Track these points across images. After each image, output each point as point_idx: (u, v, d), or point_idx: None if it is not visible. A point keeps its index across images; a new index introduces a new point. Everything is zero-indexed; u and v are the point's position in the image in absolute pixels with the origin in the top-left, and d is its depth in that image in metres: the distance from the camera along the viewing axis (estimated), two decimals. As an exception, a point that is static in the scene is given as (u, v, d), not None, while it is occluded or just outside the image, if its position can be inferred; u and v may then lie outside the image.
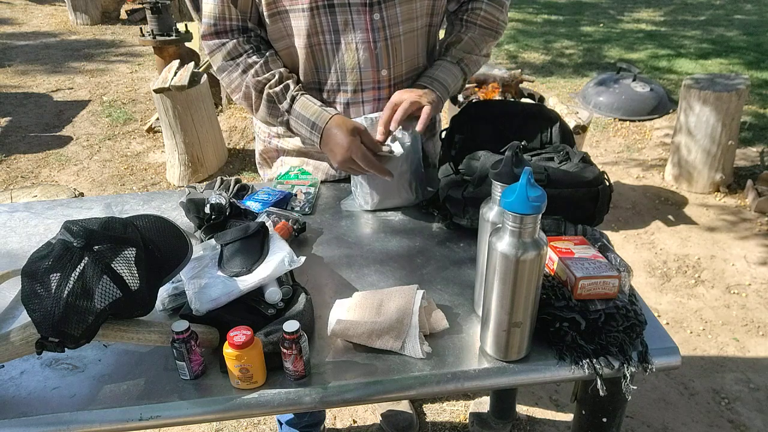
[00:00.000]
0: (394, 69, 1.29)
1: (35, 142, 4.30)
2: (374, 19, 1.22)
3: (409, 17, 1.26)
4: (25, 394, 0.89)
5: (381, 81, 1.30)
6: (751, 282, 2.74)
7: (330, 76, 1.29)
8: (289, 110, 1.28)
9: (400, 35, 1.27)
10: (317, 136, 1.25)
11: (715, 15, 7.63)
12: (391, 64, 1.28)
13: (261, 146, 1.52)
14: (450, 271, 1.15)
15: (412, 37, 1.30)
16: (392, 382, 0.90)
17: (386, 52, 1.26)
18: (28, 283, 0.84)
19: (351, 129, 1.22)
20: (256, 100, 1.29)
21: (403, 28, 1.26)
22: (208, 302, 0.93)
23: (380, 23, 1.23)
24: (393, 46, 1.27)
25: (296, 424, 1.79)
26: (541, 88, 5.04)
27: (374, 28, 1.23)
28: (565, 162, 1.18)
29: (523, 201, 0.79)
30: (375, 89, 1.31)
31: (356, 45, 1.24)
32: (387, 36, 1.25)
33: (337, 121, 1.24)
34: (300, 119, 1.27)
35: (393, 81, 1.31)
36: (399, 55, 1.29)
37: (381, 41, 1.24)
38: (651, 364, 0.92)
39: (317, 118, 1.25)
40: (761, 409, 2.09)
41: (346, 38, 1.23)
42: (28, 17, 8.02)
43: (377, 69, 1.28)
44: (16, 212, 1.41)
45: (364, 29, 1.22)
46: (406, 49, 1.29)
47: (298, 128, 1.29)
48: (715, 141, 3.33)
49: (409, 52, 1.31)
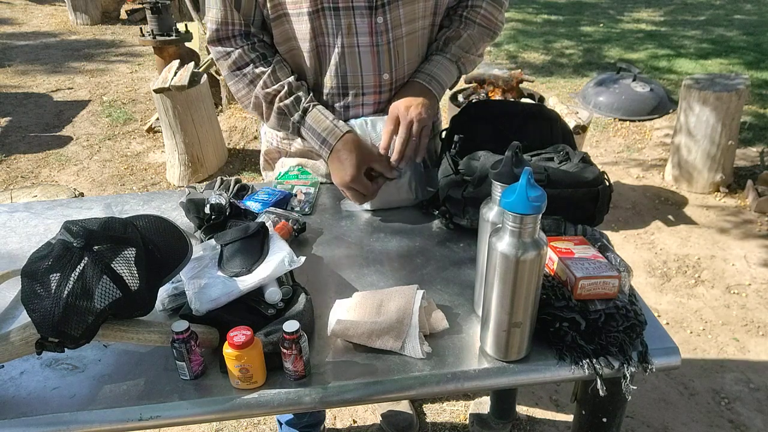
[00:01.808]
0: (395, 72, 1.29)
1: (35, 142, 4.30)
2: (377, 22, 1.21)
3: (412, 18, 1.25)
4: (25, 394, 0.89)
5: (383, 85, 1.29)
6: (751, 282, 2.74)
7: (332, 80, 1.28)
8: (300, 122, 1.27)
9: (403, 37, 1.26)
10: (326, 152, 1.26)
11: (715, 15, 7.63)
12: (393, 67, 1.28)
13: (266, 146, 1.52)
14: (450, 271, 1.15)
15: (414, 39, 1.29)
16: (392, 382, 0.90)
17: (388, 55, 1.25)
18: (28, 283, 0.84)
19: (360, 159, 1.22)
20: (267, 111, 1.29)
21: (405, 29, 1.25)
22: (208, 302, 0.93)
23: (383, 26, 1.22)
24: (395, 49, 1.26)
25: (296, 424, 1.79)
26: (541, 88, 5.04)
27: (377, 32, 1.22)
28: (565, 162, 1.18)
29: (523, 201, 0.79)
30: (376, 93, 1.30)
31: (358, 49, 1.23)
32: (390, 39, 1.24)
33: (348, 142, 1.24)
34: (311, 132, 1.27)
35: (394, 84, 1.30)
36: (401, 57, 1.28)
37: (384, 44, 1.24)
38: (651, 364, 0.92)
39: (328, 134, 1.25)
40: (761, 409, 2.09)
41: (349, 42, 1.22)
42: (28, 17, 8.02)
43: (379, 73, 1.27)
44: (16, 212, 1.41)
45: (367, 33, 1.22)
46: (408, 51, 1.29)
47: (308, 140, 1.29)
48: (715, 141, 3.33)
49: (411, 54, 1.30)
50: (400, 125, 1.24)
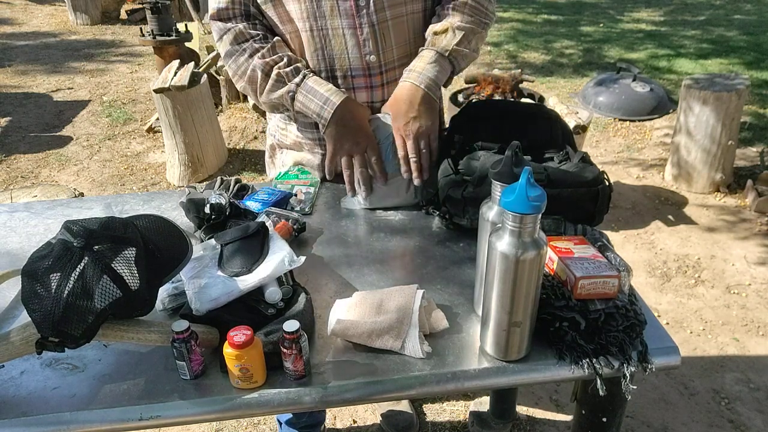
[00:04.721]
0: (383, 55, 1.30)
1: (35, 142, 4.30)
2: (359, 4, 1.23)
3: (397, 2, 1.27)
4: (25, 394, 0.89)
5: (371, 67, 1.30)
6: (751, 282, 2.74)
7: (320, 62, 1.30)
8: (300, 84, 1.28)
9: (387, 20, 1.27)
10: (329, 111, 1.26)
11: (714, 15, 7.63)
12: (379, 49, 1.29)
13: (271, 140, 1.52)
14: (450, 270, 1.15)
15: (401, 23, 1.30)
16: (392, 382, 0.90)
17: (373, 37, 1.27)
18: (28, 283, 0.84)
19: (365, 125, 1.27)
20: (262, 82, 1.29)
21: (390, 13, 1.27)
22: (208, 302, 0.93)
23: (365, 9, 1.24)
24: (381, 31, 1.27)
25: (296, 424, 1.79)
26: (541, 88, 5.04)
27: (360, 14, 1.24)
28: (565, 162, 1.18)
29: (523, 201, 0.79)
30: (365, 76, 1.31)
31: (342, 30, 1.26)
32: (374, 21, 1.25)
33: (353, 103, 1.28)
34: (311, 93, 1.27)
35: (384, 68, 1.32)
36: (388, 40, 1.29)
37: (367, 26, 1.26)
38: (651, 363, 0.92)
39: (332, 94, 1.27)
40: (761, 409, 2.09)
41: (333, 24, 1.25)
42: (28, 17, 8.03)
43: (365, 55, 1.29)
44: (16, 212, 1.41)
45: (349, 15, 1.24)
46: (395, 35, 1.30)
47: (306, 104, 1.28)
48: (714, 141, 3.33)
49: (400, 38, 1.31)
50: (407, 145, 1.27)
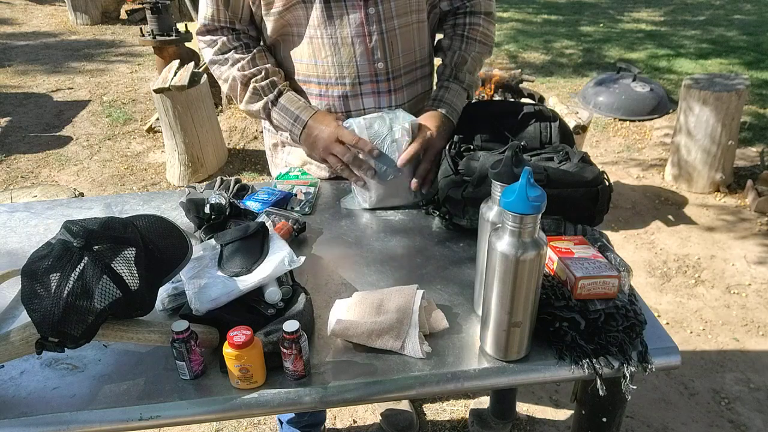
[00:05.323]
0: (391, 62, 1.33)
1: (35, 142, 4.30)
2: (369, 13, 1.26)
3: (405, 11, 1.30)
4: (25, 394, 0.89)
5: (378, 74, 1.33)
6: (751, 282, 2.74)
7: (328, 69, 1.32)
8: (274, 102, 1.34)
9: (396, 29, 1.30)
10: (299, 128, 1.33)
11: (714, 15, 7.63)
12: (387, 57, 1.31)
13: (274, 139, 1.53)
14: (450, 270, 1.15)
15: (408, 31, 1.33)
16: (392, 382, 0.90)
17: (382, 45, 1.30)
18: (28, 283, 0.84)
19: (333, 122, 1.30)
20: (241, 92, 1.36)
21: (398, 21, 1.30)
22: (208, 302, 0.93)
23: (375, 17, 1.27)
24: (389, 39, 1.30)
25: (297, 423, 1.79)
26: (541, 88, 5.04)
27: (369, 22, 1.27)
28: (565, 162, 1.18)
29: (522, 201, 0.79)
30: (373, 82, 1.33)
31: (352, 39, 1.28)
32: (383, 30, 1.28)
33: (320, 116, 1.32)
34: (284, 111, 1.34)
35: (391, 75, 1.34)
36: (396, 48, 1.32)
37: (376, 35, 1.28)
38: (651, 364, 0.92)
39: (301, 111, 1.33)
40: (761, 409, 2.09)
41: (342, 32, 1.27)
42: (28, 17, 8.02)
43: (373, 62, 1.31)
44: (16, 212, 1.41)
45: (359, 23, 1.26)
46: (403, 42, 1.33)
47: (280, 120, 1.36)
48: (714, 141, 3.33)
49: (407, 46, 1.34)
50: (427, 153, 1.30)
